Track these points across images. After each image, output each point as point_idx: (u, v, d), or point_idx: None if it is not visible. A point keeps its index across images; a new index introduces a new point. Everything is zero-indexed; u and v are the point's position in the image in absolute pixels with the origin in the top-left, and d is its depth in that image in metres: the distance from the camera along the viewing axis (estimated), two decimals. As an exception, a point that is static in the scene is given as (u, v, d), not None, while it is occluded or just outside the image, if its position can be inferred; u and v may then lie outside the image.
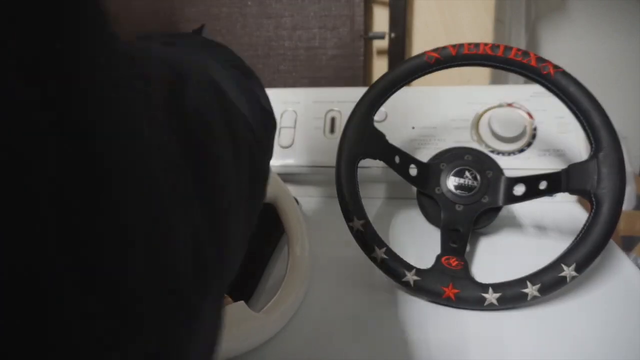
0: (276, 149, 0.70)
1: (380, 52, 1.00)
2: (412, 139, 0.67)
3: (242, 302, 0.40)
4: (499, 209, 0.54)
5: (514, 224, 0.61)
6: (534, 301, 0.44)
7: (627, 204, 1.31)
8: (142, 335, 0.13)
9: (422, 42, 0.99)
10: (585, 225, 0.44)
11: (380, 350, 0.41)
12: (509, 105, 0.67)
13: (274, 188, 0.49)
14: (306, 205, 0.68)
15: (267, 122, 0.31)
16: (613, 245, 0.52)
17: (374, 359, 0.40)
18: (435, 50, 0.50)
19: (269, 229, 0.56)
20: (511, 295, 0.44)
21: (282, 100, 0.74)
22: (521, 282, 0.44)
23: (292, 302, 0.45)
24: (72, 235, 0.11)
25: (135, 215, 0.13)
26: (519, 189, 0.51)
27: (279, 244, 0.57)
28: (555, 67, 0.47)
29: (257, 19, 0.98)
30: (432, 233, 0.59)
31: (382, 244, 0.48)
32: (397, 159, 0.53)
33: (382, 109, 0.62)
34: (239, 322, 0.38)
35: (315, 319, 0.45)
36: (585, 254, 0.43)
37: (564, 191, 0.47)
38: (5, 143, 0.10)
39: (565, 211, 0.63)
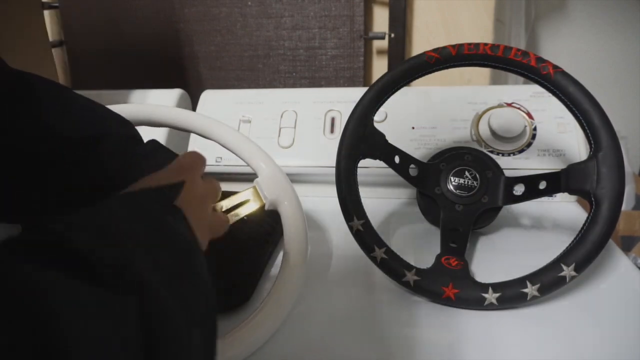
0: (276, 148, 0.70)
1: (380, 52, 1.00)
2: (412, 139, 0.67)
3: None
4: (498, 209, 0.54)
5: (514, 224, 0.61)
6: (534, 301, 0.44)
7: (627, 204, 1.31)
8: None
9: (422, 42, 0.99)
10: (584, 225, 0.44)
11: (380, 350, 0.41)
12: (509, 105, 0.67)
13: (278, 192, 0.46)
14: (306, 205, 0.68)
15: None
16: (612, 245, 0.53)
17: (373, 359, 0.40)
18: (435, 50, 0.50)
19: (268, 229, 0.56)
20: (511, 295, 0.44)
21: (282, 100, 0.74)
22: (521, 282, 0.44)
23: (261, 329, 0.40)
24: None
25: None
26: (519, 189, 0.51)
27: (279, 243, 0.57)
28: (555, 67, 0.47)
29: (257, 19, 0.98)
30: (432, 233, 0.59)
31: (381, 243, 0.48)
32: (397, 159, 0.53)
33: (382, 109, 0.62)
34: None
35: (315, 318, 0.45)
36: (584, 254, 0.43)
37: (563, 191, 0.47)
38: None
39: (565, 211, 0.63)
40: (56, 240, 0.19)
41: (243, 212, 0.44)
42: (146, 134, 0.46)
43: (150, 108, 0.50)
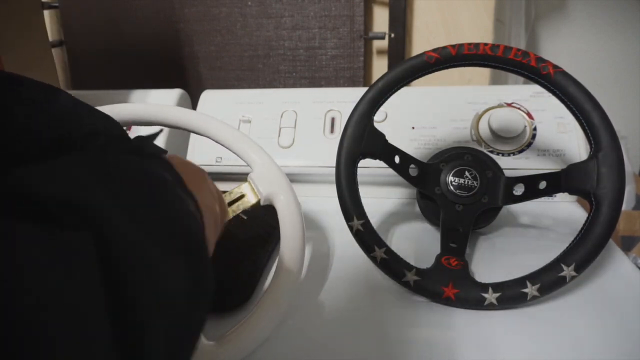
0: (276, 148, 0.70)
1: (380, 52, 1.00)
2: (412, 139, 0.67)
3: None
4: (498, 209, 0.54)
5: (514, 224, 0.61)
6: (534, 301, 0.44)
7: (627, 204, 1.31)
8: None
9: (422, 42, 0.99)
10: (584, 225, 0.44)
11: (380, 350, 0.41)
12: (509, 105, 0.67)
13: (272, 186, 0.45)
14: (306, 205, 0.68)
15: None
16: (612, 245, 0.52)
17: (373, 359, 0.40)
18: (435, 50, 0.50)
19: (269, 229, 0.56)
20: (511, 295, 0.44)
21: (282, 100, 0.74)
22: (521, 282, 0.44)
23: (256, 332, 0.39)
24: None
25: None
26: (519, 189, 0.51)
27: (278, 244, 0.57)
28: (555, 67, 0.47)
29: (257, 19, 0.98)
30: (432, 233, 0.59)
31: (381, 243, 0.48)
32: (397, 159, 0.53)
33: (382, 109, 0.62)
34: None
35: (315, 318, 0.45)
36: (584, 254, 0.43)
37: (563, 191, 0.47)
38: None
39: (565, 211, 0.63)
40: None
41: (239, 208, 0.44)
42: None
43: (138, 106, 0.49)
